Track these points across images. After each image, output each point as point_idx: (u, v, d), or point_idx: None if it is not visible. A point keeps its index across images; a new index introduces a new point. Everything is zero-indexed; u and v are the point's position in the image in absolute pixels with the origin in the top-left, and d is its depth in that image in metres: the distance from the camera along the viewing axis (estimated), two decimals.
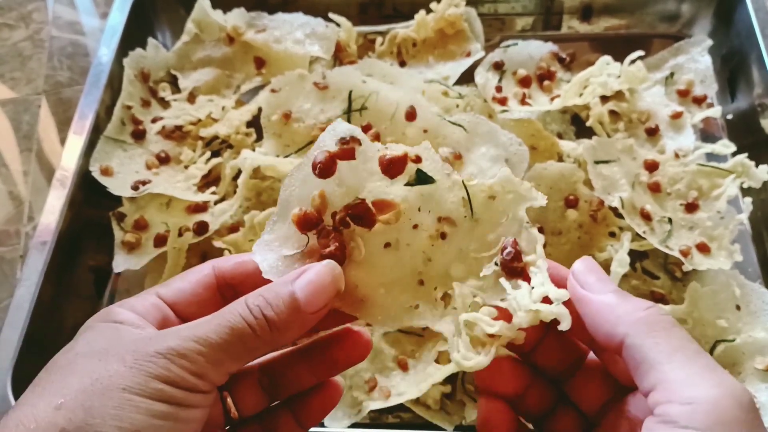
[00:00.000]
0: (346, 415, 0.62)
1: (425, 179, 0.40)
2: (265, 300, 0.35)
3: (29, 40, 1.01)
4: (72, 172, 0.74)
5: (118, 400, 0.31)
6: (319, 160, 0.39)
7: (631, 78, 0.77)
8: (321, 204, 0.39)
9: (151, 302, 0.38)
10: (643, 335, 0.32)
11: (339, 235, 0.39)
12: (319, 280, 0.36)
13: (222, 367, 0.34)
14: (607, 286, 0.36)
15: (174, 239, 0.70)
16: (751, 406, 0.29)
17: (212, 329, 0.34)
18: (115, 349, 0.33)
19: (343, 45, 0.87)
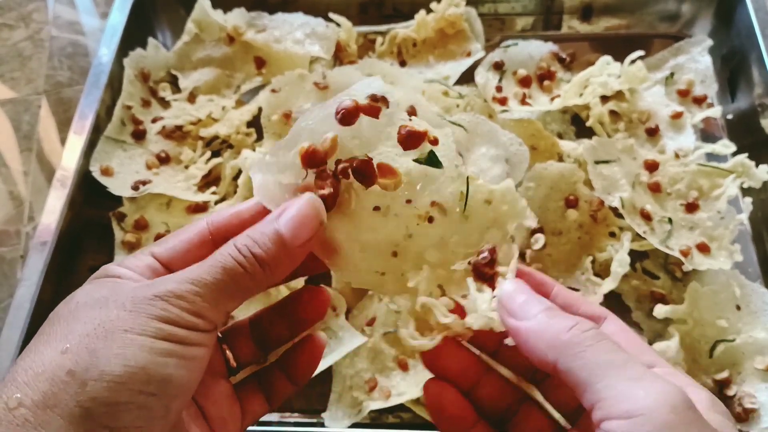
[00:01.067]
0: (347, 415, 0.62)
1: (434, 162, 0.40)
2: (251, 239, 0.36)
3: (29, 40, 1.01)
4: (72, 172, 0.75)
5: (121, 340, 0.32)
6: (345, 106, 0.39)
7: (632, 78, 0.77)
8: (331, 147, 0.39)
9: (146, 262, 0.39)
10: (571, 358, 0.33)
11: (336, 182, 0.39)
12: (300, 213, 0.37)
13: (219, 306, 0.35)
14: (534, 306, 0.36)
15: None
16: (686, 405, 0.30)
17: (205, 270, 0.35)
18: (115, 297, 0.35)
19: (343, 45, 0.87)
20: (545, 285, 0.41)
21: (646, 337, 0.68)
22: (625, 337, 0.38)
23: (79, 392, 0.31)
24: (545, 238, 0.70)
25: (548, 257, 0.70)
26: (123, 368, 0.32)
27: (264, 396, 0.43)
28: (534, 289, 0.39)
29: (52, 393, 0.31)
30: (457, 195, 0.40)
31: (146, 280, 0.37)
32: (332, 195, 0.38)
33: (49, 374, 0.32)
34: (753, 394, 0.62)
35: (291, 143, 0.39)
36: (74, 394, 0.31)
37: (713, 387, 0.64)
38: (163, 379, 0.33)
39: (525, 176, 0.70)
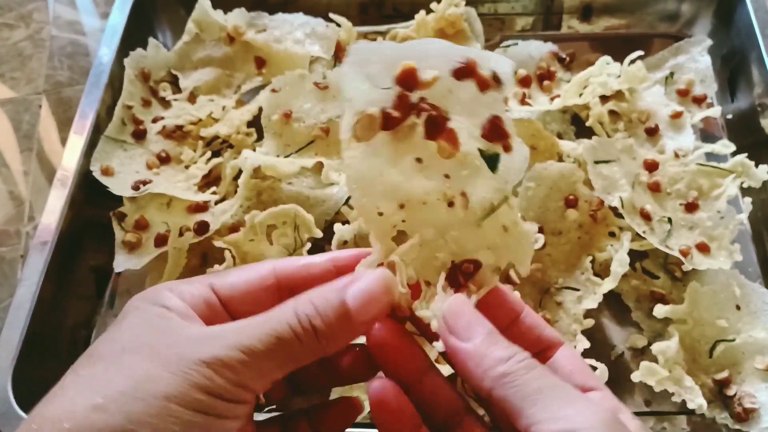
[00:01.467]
0: None
1: (493, 165, 0.39)
2: (314, 307, 0.34)
3: (29, 39, 1.01)
4: (72, 171, 0.75)
5: (158, 408, 0.31)
6: (466, 61, 0.38)
7: (631, 78, 0.77)
8: (427, 83, 0.38)
9: (202, 294, 0.37)
10: (505, 389, 0.33)
11: (408, 112, 0.38)
12: (372, 288, 0.35)
13: (265, 377, 0.34)
14: (477, 330, 0.35)
15: (174, 239, 0.70)
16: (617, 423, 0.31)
17: (258, 338, 0.33)
18: (161, 347, 0.33)
19: (343, 45, 0.87)
20: (516, 306, 0.41)
21: (646, 337, 0.68)
22: (575, 362, 0.39)
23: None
24: (545, 237, 0.70)
25: (548, 257, 0.70)
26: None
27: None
28: (503, 309, 0.39)
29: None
30: (487, 201, 0.39)
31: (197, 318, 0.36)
32: (397, 120, 0.38)
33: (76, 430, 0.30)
34: (753, 394, 0.62)
35: (403, 52, 0.38)
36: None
37: (713, 387, 0.64)
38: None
39: (525, 176, 0.70)
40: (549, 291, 0.69)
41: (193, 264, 0.74)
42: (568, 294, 0.68)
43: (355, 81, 0.38)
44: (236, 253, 0.70)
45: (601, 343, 0.68)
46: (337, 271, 0.38)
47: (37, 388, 0.65)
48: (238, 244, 0.70)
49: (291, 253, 0.70)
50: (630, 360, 0.68)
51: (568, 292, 0.68)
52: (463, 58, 0.38)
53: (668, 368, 0.61)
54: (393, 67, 0.38)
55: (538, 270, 0.69)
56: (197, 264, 0.74)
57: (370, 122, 0.38)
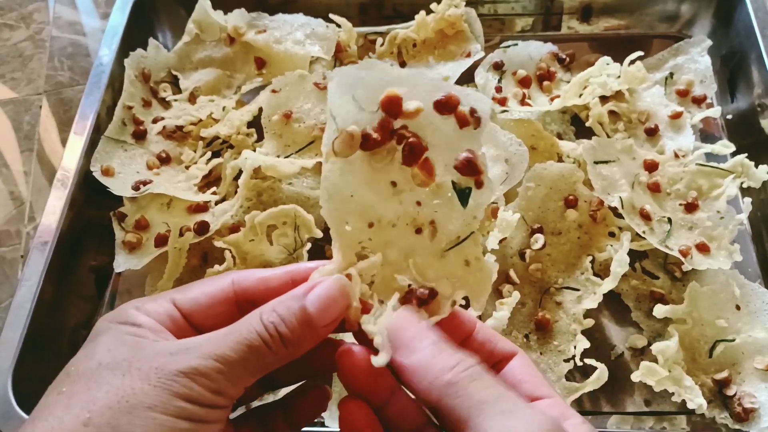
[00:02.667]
0: None
1: (464, 199, 0.41)
2: (278, 315, 0.36)
3: (30, 40, 1.01)
4: (73, 172, 0.75)
5: (144, 419, 0.32)
6: (448, 97, 0.40)
7: (631, 78, 0.77)
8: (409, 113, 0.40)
9: (165, 309, 0.38)
10: (451, 398, 0.34)
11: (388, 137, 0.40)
12: (329, 294, 0.37)
13: (239, 383, 0.35)
14: (423, 340, 0.36)
15: (175, 239, 0.70)
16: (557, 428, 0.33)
17: (230, 347, 0.35)
18: (138, 363, 0.34)
19: (343, 45, 0.87)
20: (467, 323, 0.42)
21: (646, 337, 0.68)
22: (527, 371, 0.40)
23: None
24: (545, 238, 0.70)
25: (547, 257, 0.70)
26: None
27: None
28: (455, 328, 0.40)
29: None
30: (455, 233, 0.41)
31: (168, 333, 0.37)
32: (376, 142, 0.39)
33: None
34: (753, 394, 0.62)
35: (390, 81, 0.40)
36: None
37: (713, 387, 0.64)
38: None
39: (524, 176, 0.70)
40: (549, 291, 0.69)
41: (193, 264, 0.74)
42: (567, 294, 0.68)
43: (341, 99, 0.40)
44: (236, 253, 0.70)
45: (600, 343, 0.69)
46: (294, 284, 0.39)
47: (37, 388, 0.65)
48: (239, 244, 0.70)
49: (291, 254, 0.70)
50: (630, 360, 0.68)
51: (568, 292, 0.68)
52: (446, 94, 0.39)
53: (668, 368, 0.61)
54: (380, 93, 0.40)
55: (538, 270, 0.69)
56: (197, 264, 0.74)
57: (350, 140, 0.39)
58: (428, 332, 0.37)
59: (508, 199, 0.70)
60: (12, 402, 0.62)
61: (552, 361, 0.65)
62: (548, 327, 0.66)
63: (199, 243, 0.72)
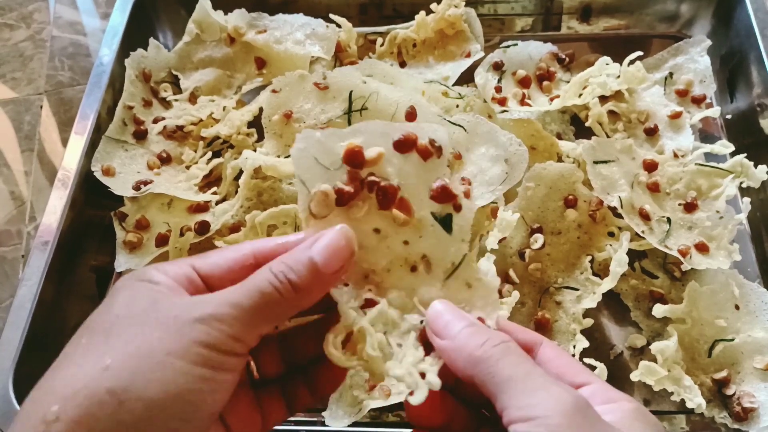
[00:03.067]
0: (347, 413, 0.63)
1: (447, 226, 0.42)
2: (287, 265, 0.37)
3: (30, 40, 1.01)
4: (73, 172, 0.75)
5: (162, 364, 0.33)
6: (405, 135, 0.41)
7: (630, 78, 0.77)
8: (373, 159, 0.41)
9: (184, 271, 0.39)
10: (483, 372, 0.36)
11: (360, 187, 0.41)
12: (333, 243, 0.39)
13: (255, 330, 0.36)
14: (456, 325, 0.38)
15: (175, 239, 0.70)
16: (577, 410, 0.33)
17: (243, 294, 0.36)
18: (155, 314, 0.35)
19: (343, 45, 0.87)
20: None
21: (645, 337, 0.68)
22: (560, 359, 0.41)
23: (116, 412, 0.32)
24: (544, 237, 0.70)
25: (547, 257, 0.70)
26: (161, 393, 0.33)
27: (285, 403, 0.44)
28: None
29: (91, 412, 0.32)
30: (449, 261, 0.42)
31: (184, 291, 0.38)
32: (349, 194, 0.41)
33: (89, 391, 0.32)
34: (752, 394, 0.62)
35: (345, 135, 0.41)
36: (112, 413, 0.32)
37: (712, 386, 0.64)
38: (197, 406, 0.34)
39: (524, 176, 0.70)
40: (548, 291, 0.69)
41: None
42: (567, 294, 0.68)
43: (305, 164, 0.41)
44: None
45: (600, 343, 0.69)
46: None
47: None
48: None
49: None
50: (629, 359, 0.68)
51: (568, 291, 0.68)
52: (403, 133, 0.41)
53: (667, 368, 0.61)
54: (339, 149, 0.41)
55: (538, 270, 0.69)
56: None
57: (325, 199, 0.41)
58: (462, 317, 0.39)
59: (507, 198, 0.70)
60: (12, 401, 0.62)
61: None
62: (548, 326, 0.67)
63: (200, 243, 0.72)
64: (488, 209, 0.69)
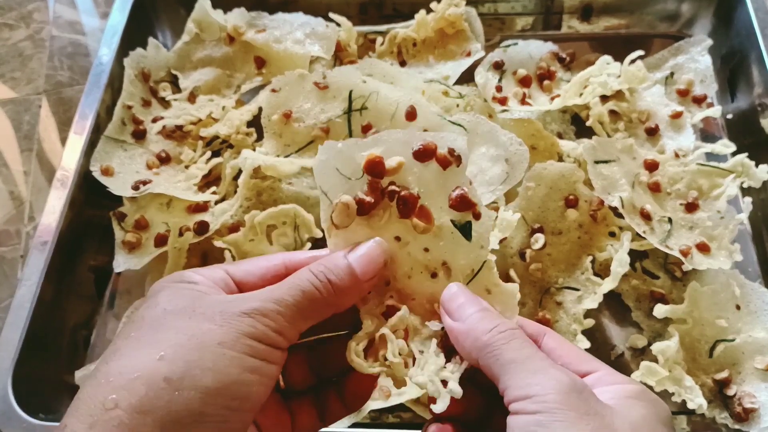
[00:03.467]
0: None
1: (467, 233, 0.43)
2: (327, 267, 0.40)
3: (30, 39, 1.01)
4: (72, 172, 0.75)
5: (214, 354, 0.34)
6: (425, 145, 0.42)
7: (631, 78, 0.77)
8: (393, 168, 0.42)
9: (220, 275, 0.41)
10: (487, 356, 0.38)
11: (380, 197, 0.42)
12: (369, 252, 0.41)
13: (296, 325, 0.38)
14: (469, 308, 0.40)
15: (174, 239, 0.70)
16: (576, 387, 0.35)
17: (286, 291, 0.38)
18: (201, 309, 0.37)
19: (343, 45, 0.87)
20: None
21: (646, 337, 0.68)
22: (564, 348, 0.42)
23: (173, 400, 0.33)
24: (545, 237, 0.70)
25: (548, 257, 0.70)
26: (215, 381, 0.34)
27: (317, 412, 0.45)
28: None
29: (148, 398, 0.33)
30: (469, 267, 0.43)
31: (221, 291, 0.40)
32: (370, 204, 0.42)
33: (146, 379, 0.33)
34: (753, 394, 0.62)
35: (366, 146, 0.42)
36: (168, 401, 0.33)
37: (713, 387, 0.64)
38: (246, 395, 0.35)
39: (525, 176, 0.70)
40: (549, 291, 0.69)
41: (193, 264, 0.73)
42: (568, 294, 0.68)
43: (327, 175, 0.43)
44: (236, 253, 0.70)
45: (601, 343, 0.69)
46: None
47: (37, 387, 0.65)
48: (238, 244, 0.70)
49: None
50: (630, 360, 0.68)
51: (569, 292, 0.68)
52: (422, 143, 0.42)
53: (668, 368, 0.61)
54: (360, 159, 0.42)
55: (539, 270, 0.69)
56: (197, 264, 0.74)
57: (346, 209, 0.42)
58: (475, 302, 0.41)
59: (508, 198, 0.70)
60: (12, 402, 0.62)
61: None
62: (549, 327, 0.66)
63: (199, 243, 0.72)
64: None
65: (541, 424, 0.34)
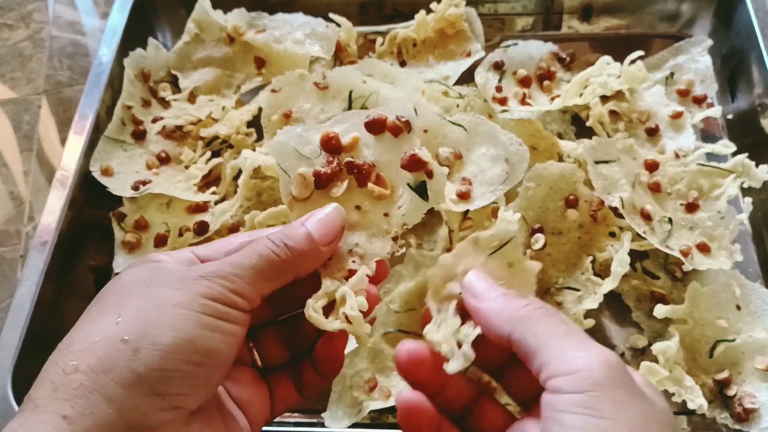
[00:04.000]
0: (347, 415, 0.62)
1: (423, 193, 0.46)
2: (284, 233, 0.41)
3: (29, 40, 1.01)
4: (72, 172, 0.75)
5: (171, 314, 0.36)
6: (374, 117, 0.46)
7: (631, 78, 0.77)
8: (349, 144, 0.45)
9: (185, 255, 0.42)
10: (523, 330, 0.37)
11: (338, 169, 0.45)
12: (327, 218, 0.43)
13: (257, 287, 0.39)
14: (494, 291, 0.40)
15: (174, 239, 0.70)
16: (619, 365, 0.34)
17: (243, 255, 0.40)
18: (161, 277, 0.39)
19: (343, 45, 0.87)
20: None
21: (646, 337, 0.68)
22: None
23: (132, 359, 0.34)
24: (545, 237, 0.70)
25: (548, 257, 0.70)
26: (173, 338, 0.35)
27: (295, 386, 0.46)
28: None
29: (107, 358, 0.34)
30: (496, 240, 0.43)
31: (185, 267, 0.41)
32: (327, 176, 0.45)
33: (105, 342, 0.35)
34: (753, 394, 0.62)
35: (323, 127, 0.46)
36: (128, 360, 0.34)
37: (713, 387, 0.64)
38: (207, 351, 0.36)
39: (525, 176, 0.70)
40: (549, 291, 0.69)
41: None
42: (568, 294, 0.68)
43: (287, 155, 0.46)
44: None
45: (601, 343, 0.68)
46: None
47: None
48: None
49: None
50: (630, 360, 0.68)
51: (569, 292, 0.68)
52: (370, 116, 0.46)
53: (668, 368, 0.61)
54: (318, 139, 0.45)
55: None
56: None
57: (303, 181, 0.45)
58: (497, 286, 0.41)
59: (508, 199, 0.70)
60: (12, 402, 0.62)
61: None
62: None
63: (199, 243, 0.72)
64: (489, 209, 0.69)
65: (588, 404, 0.32)
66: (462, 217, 0.68)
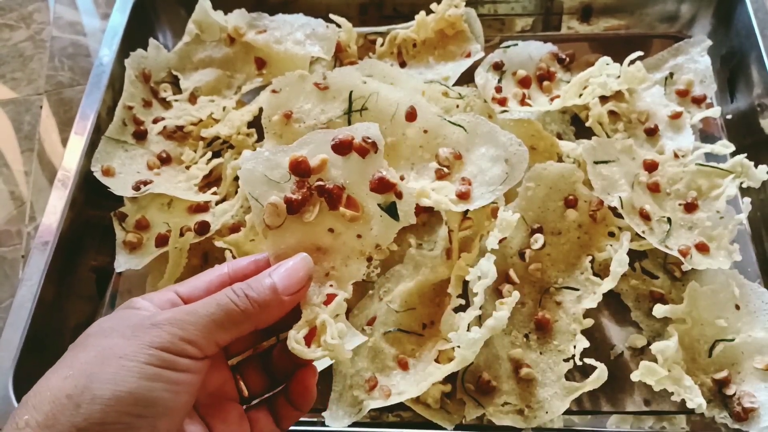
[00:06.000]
0: (347, 414, 0.63)
1: (393, 213, 0.46)
2: (248, 285, 0.42)
3: (30, 40, 1.01)
4: (73, 172, 0.75)
5: (115, 366, 0.37)
6: (341, 138, 0.46)
7: (631, 78, 0.77)
8: (317, 166, 0.46)
9: (168, 297, 0.43)
10: None
11: (308, 194, 0.45)
12: (293, 269, 0.44)
13: (211, 336, 0.40)
14: None
15: (175, 239, 0.70)
16: None
17: (201, 305, 0.40)
18: (120, 327, 0.39)
19: (343, 45, 0.87)
20: None
21: (645, 337, 0.68)
22: None
23: (74, 414, 0.35)
24: (544, 237, 0.70)
25: (547, 257, 0.70)
26: (112, 392, 0.36)
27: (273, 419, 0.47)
28: None
29: (52, 414, 0.35)
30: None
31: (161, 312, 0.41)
32: (298, 202, 0.45)
33: (52, 397, 0.36)
34: (752, 394, 0.62)
35: (291, 150, 0.45)
36: (70, 415, 0.35)
37: (712, 386, 0.64)
38: (149, 402, 0.37)
39: (524, 176, 0.70)
40: (549, 291, 0.69)
41: (194, 264, 0.74)
42: (567, 294, 0.68)
43: (256, 182, 0.46)
44: (237, 253, 0.70)
45: (600, 343, 0.69)
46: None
47: None
48: (239, 244, 0.70)
49: None
50: (629, 359, 0.68)
51: (568, 291, 0.68)
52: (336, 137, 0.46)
53: (667, 368, 0.61)
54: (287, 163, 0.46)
55: (538, 270, 0.69)
56: (198, 264, 0.74)
57: (275, 210, 0.45)
58: None
59: (508, 199, 0.70)
60: (12, 402, 0.62)
61: (552, 360, 0.65)
62: (548, 327, 0.67)
63: (200, 243, 0.72)
64: (488, 209, 0.69)
65: None
66: (462, 217, 0.68)
